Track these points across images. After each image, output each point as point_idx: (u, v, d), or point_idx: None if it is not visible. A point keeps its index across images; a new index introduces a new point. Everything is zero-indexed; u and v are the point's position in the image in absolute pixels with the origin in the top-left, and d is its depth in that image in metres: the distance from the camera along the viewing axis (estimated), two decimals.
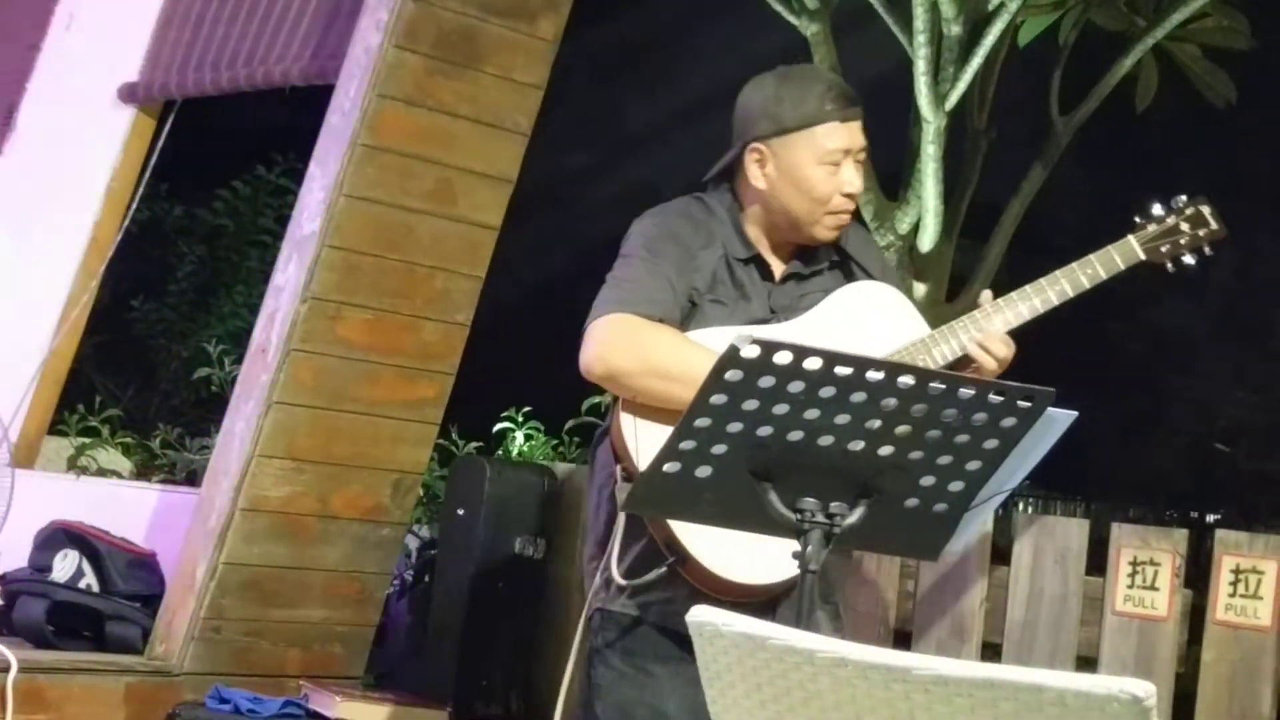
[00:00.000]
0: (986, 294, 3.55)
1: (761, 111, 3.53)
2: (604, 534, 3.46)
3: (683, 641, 3.35)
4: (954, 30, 9.19)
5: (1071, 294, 3.52)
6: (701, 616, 2.32)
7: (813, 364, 2.63)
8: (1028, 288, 3.53)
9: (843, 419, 2.68)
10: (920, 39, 9.05)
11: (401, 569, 6.32)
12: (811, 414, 2.68)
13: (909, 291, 9.58)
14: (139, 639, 5.24)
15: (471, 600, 5.55)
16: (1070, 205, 15.86)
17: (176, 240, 10.63)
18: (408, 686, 5.51)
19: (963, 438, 2.73)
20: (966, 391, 2.68)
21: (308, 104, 5.73)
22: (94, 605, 5.27)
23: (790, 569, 3.26)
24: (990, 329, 3.49)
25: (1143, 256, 3.57)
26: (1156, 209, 3.61)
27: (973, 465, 2.78)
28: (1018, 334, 3.52)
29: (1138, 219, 3.62)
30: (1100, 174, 16.51)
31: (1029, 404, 2.72)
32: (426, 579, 6.28)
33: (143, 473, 6.89)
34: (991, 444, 2.75)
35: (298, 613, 5.33)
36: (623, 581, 3.38)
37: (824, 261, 3.62)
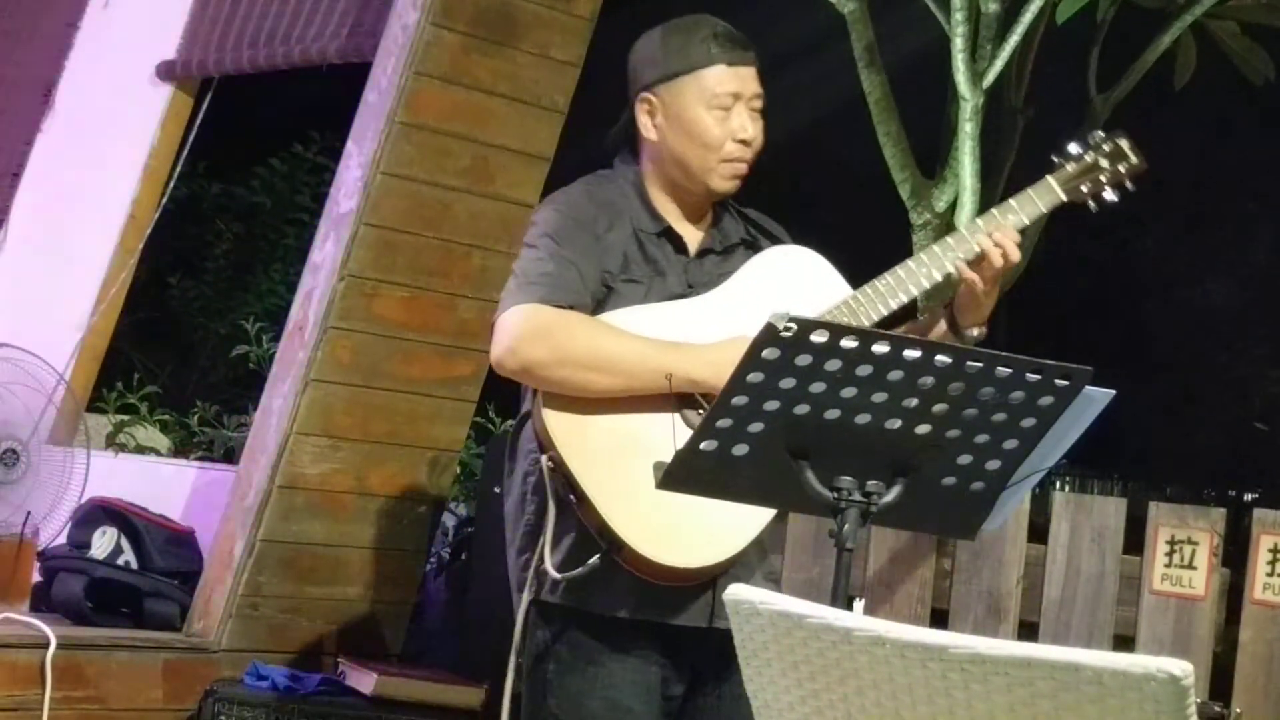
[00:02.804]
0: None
1: (649, 61, 3.47)
2: (534, 524, 3.36)
3: (629, 627, 3.33)
4: (991, 7, 9.15)
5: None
6: (738, 595, 2.32)
7: (849, 342, 2.63)
8: (948, 239, 3.42)
9: (880, 397, 2.68)
10: (958, 17, 9.01)
11: (439, 546, 6.34)
12: (848, 392, 2.67)
13: None
14: (177, 616, 5.27)
15: (508, 578, 5.53)
16: None
17: (214, 218, 10.65)
18: (444, 664, 5.51)
19: (1000, 416, 2.73)
20: (1004, 370, 2.68)
21: (345, 82, 5.73)
22: (132, 582, 5.29)
23: (725, 549, 3.25)
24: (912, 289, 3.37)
25: (1063, 198, 3.48)
26: (1074, 147, 3.52)
27: (1010, 444, 2.78)
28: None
29: (1055, 158, 3.53)
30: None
31: (1066, 383, 2.71)
32: (463, 556, 6.29)
33: (180, 450, 6.90)
34: (1029, 423, 2.75)
35: (335, 590, 5.35)
36: (557, 575, 3.27)
37: (736, 238, 3.52)
